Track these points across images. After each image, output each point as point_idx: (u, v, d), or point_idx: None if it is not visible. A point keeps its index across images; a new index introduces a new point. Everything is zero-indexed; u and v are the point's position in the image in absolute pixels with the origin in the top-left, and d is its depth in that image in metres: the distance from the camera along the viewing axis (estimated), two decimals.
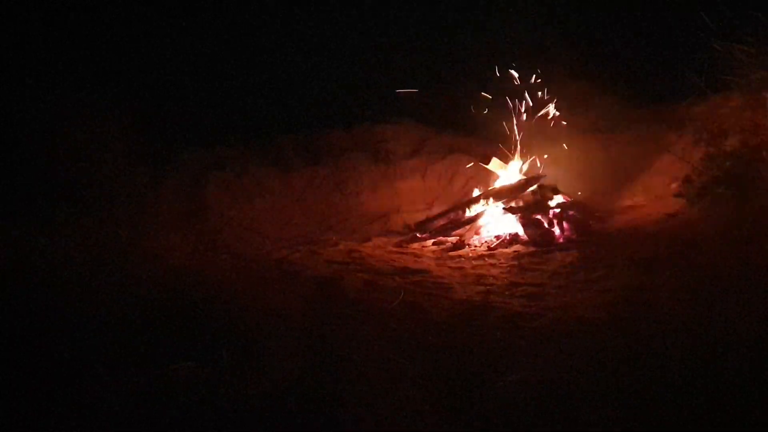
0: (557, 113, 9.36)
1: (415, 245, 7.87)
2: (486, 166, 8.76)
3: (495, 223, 8.01)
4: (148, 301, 4.57)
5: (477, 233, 7.94)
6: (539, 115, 9.34)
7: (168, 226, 7.56)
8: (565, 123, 9.42)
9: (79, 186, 7.40)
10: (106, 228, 6.77)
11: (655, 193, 8.31)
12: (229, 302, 4.71)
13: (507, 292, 5.64)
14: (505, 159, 8.86)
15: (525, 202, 8.07)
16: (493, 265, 6.71)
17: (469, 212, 8.25)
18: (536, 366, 3.91)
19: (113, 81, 7.97)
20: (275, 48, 11.16)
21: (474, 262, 6.88)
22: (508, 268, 6.52)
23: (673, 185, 7.92)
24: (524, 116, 9.84)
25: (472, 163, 9.41)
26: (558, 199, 8.12)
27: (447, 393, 3.63)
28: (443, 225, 8.24)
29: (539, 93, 10.04)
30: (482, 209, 8.20)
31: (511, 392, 3.59)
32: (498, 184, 8.63)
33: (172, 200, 8.02)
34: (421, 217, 8.78)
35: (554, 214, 7.74)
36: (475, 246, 7.62)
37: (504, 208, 8.00)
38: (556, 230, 7.50)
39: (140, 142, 8.05)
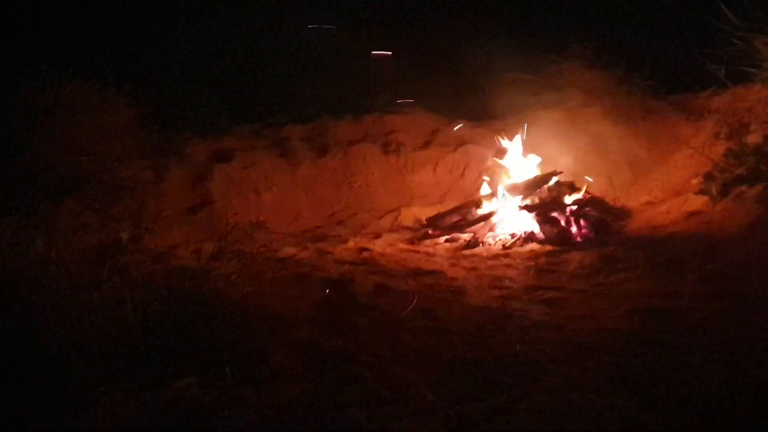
0: None
1: (428, 242, 7.64)
2: (500, 161, 8.48)
3: (510, 220, 7.75)
4: (150, 307, 4.35)
5: (491, 230, 7.68)
6: None
7: (172, 222, 7.39)
8: None
9: (80, 180, 7.23)
10: (108, 225, 6.59)
11: (674, 189, 8.07)
12: (235, 308, 4.50)
13: (525, 297, 5.41)
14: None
15: (541, 198, 7.81)
16: (508, 266, 6.47)
17: (483, 209, 7.98)
18: (559, 387, 3.68)
19: (115, 70, 7.71)
20: (283, 35, 10.89)
21: (489, 262, 6.64)
22: (525, 269, 6.29)
23: (694, 181, 7.69)
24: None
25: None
26: (575, 195, 7.85)
27: (463, 419, 3.41)
28: (456, 221, 7.99)
29: None
30: (497, 206, 7.93)
31: (533, 419, 3.36)
32: (512, 180, 8.34)
33: (176, 194, 7.83)
34: (432, 211, 8.52)
35: (571, 212, 7.48)
36: (490, 244, 7.37)
37: (519, 206, 7.74)
38: (573, 228, 7.25)
39: (143, 133, 7.88)
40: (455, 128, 9.72)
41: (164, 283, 4.71)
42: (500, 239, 7.47)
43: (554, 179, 8.08)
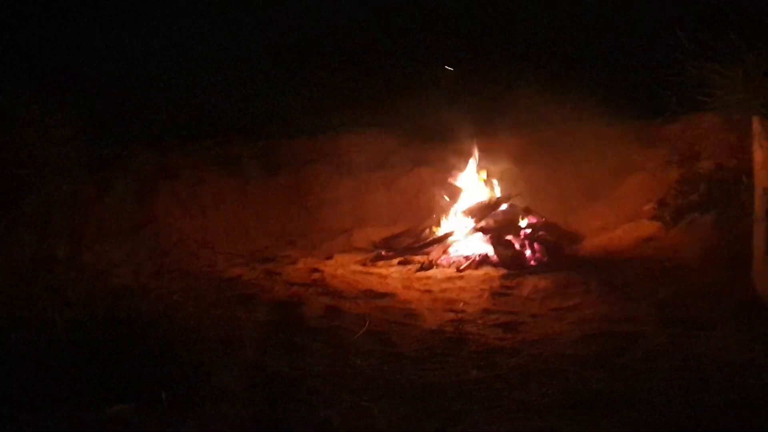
0: None
1: (380, 264, 7.45)
2: (454, 183, 8.39)
3: (464, 242, 7.64)
4: (84, 328, 4.09)
5: (445, 253, 7.55)
6: None
7: (113, 240, 7.07)
8: None
9: (17, 193, 6.86)
10: (43, 241, 6.27)
11: (626, 215, 8.06)
12: (176, 330, 4.25)
13: (480, 321, 5.27)
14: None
15: (495, 221, 7.73)
16: (463, 289, 6.33)
17: (437, 230, 7.86)
18: (516, 414, 3.52)
19: (57, 78, 7.39)
20: (235, 48, 10.68)
21: (443, 285, 6.50)
22: (479, 293, 6.16)
23: (647, 207, 7.71)
24: None
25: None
26: (529, 219, 7.80)
27: None
28: (410, 243, 7.84)
29: None
30: (451, 228, 7.81)
31: None
32: (467, 202, 8.26)
33: (119, 211, 7.50)
34: (386, 233, 8.36)
35: (525, 235, 7.41)
36: (444, 267, 7.24)
37: (474, 228, 7.64)
38: (528, 252, 7.17)
39: (86, 146, 7.54)
40: None
41: (101, 303, 4.45)
42: (454, 262, 7.34)
43: (508, 202, 8.02)
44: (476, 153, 8.78)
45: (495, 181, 8.44)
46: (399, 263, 7.48)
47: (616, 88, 9.64)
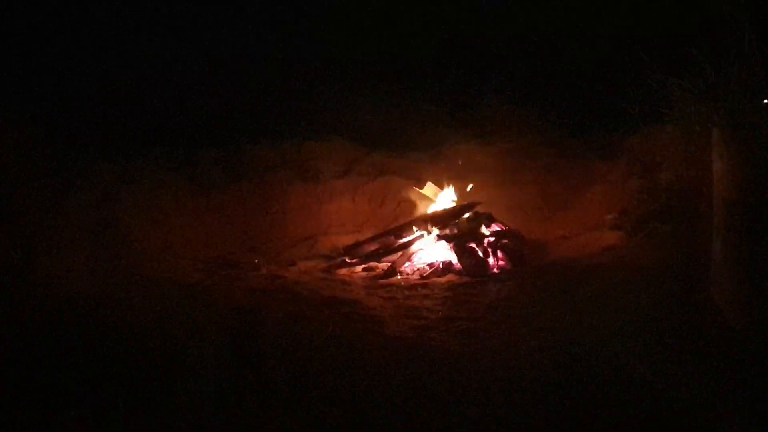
0: None
1: (344, 271, 7.43)
2: (420, 190, 8.41)
3: (428, 250, 7.65)
4: (39, 334, 3.99)
5: (409, 260, 7.55)
6: None
7: (71, 246, 6.90)
8: None
9: None
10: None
11: (588, 224, 8.15)
12: (135, 336, 4.17)
13: (442, 328, 5.26)
14: (440, 184, 8.52)
15: (459, 229, 7.75)
16: (426, 296, 6.34)
17: (402, 238, 7.85)
18: (478, 422, 3.52)
19: (13, 82, 7.23)
20: (199, 53, 10.57)
21: (406, 292, 6.49)
22: (443, 300, 6.16)
23: (609, 217, 7.79)
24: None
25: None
26: (492, 227, 7.84)
27: None
28: (374, 250, 7.82)
29: None
30: (415, 235, 7.81)
31: None
32: (432, 210, 8.28)
33: (78, 216, 7.32)
34: (350, 240, 8.33)
35: (489, 243, 7.45)
36: (407, 274, 7.24)
37: (438, 235, 7.65)
38: (491, 260, 7.20)
39: (44, 150, 7.38)
40: None
41: (58, 309, 4.35)
42: (418, 269, 7.35)
43: (472, 211, 8.05)
44: (441, 163, 8.82)
45: (459, 190, 8.47)
46: (363, 270, 7.48)
47: (578, 100, 9.77)
